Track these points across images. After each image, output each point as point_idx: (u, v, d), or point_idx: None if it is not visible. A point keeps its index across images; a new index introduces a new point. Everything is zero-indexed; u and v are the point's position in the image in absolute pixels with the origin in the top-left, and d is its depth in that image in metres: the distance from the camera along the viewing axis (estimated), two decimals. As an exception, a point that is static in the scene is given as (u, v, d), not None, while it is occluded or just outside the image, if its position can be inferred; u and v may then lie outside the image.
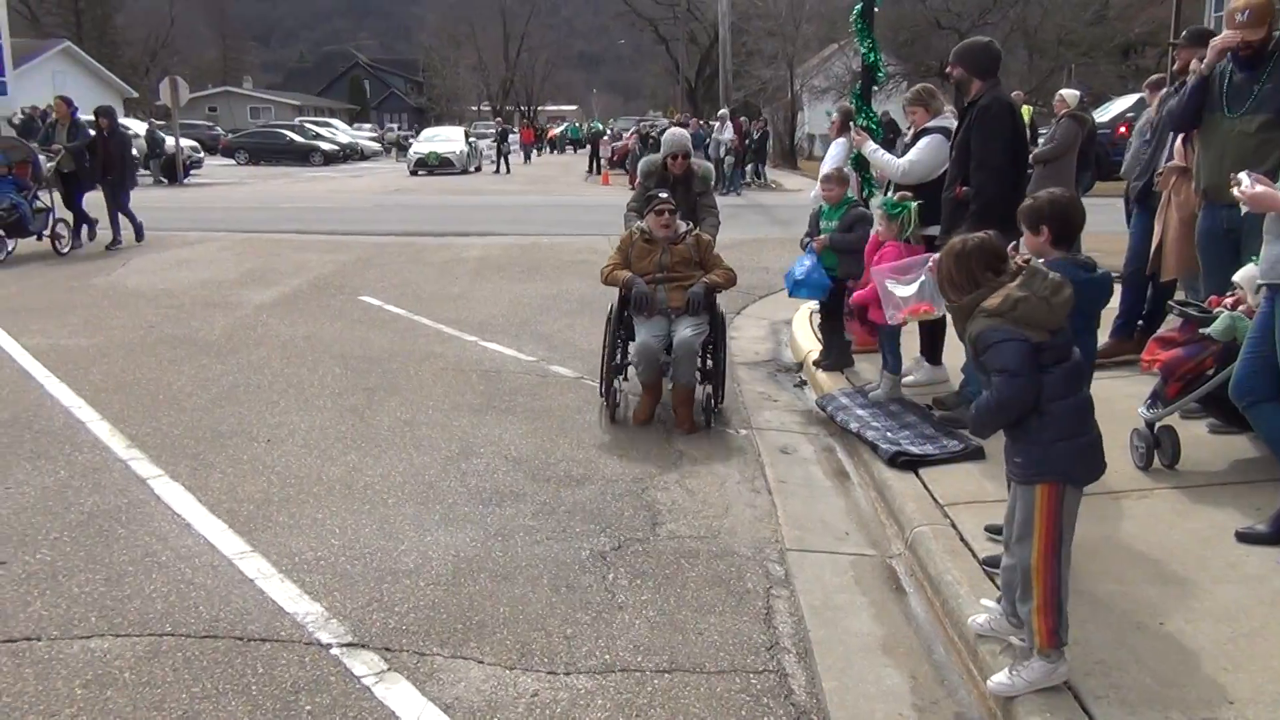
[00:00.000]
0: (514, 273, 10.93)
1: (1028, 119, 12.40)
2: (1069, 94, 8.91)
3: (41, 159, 11.65)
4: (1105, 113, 20.37)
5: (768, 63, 34.80)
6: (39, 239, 11.62)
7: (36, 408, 5.76)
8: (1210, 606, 3.20)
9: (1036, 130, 12.42)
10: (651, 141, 23.24)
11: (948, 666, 3.16)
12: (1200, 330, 4.13)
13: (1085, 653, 2.91)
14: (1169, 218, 5.61)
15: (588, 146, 37.42)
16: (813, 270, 6.05)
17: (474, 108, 74.26)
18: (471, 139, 36.13)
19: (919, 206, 5.44)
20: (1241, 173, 3.67)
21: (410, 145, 36.30)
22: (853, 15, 7.38)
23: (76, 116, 12.35)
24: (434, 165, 31.77)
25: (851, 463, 5.09)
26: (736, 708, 2.92)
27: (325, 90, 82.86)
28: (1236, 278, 4.17)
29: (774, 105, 36.35)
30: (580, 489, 4.64)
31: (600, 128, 41.61)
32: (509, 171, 32.95)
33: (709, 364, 5.72)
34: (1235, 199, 3.68)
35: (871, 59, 7.40)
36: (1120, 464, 4.21)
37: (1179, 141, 5.52)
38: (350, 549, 3.94)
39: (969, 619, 3.14)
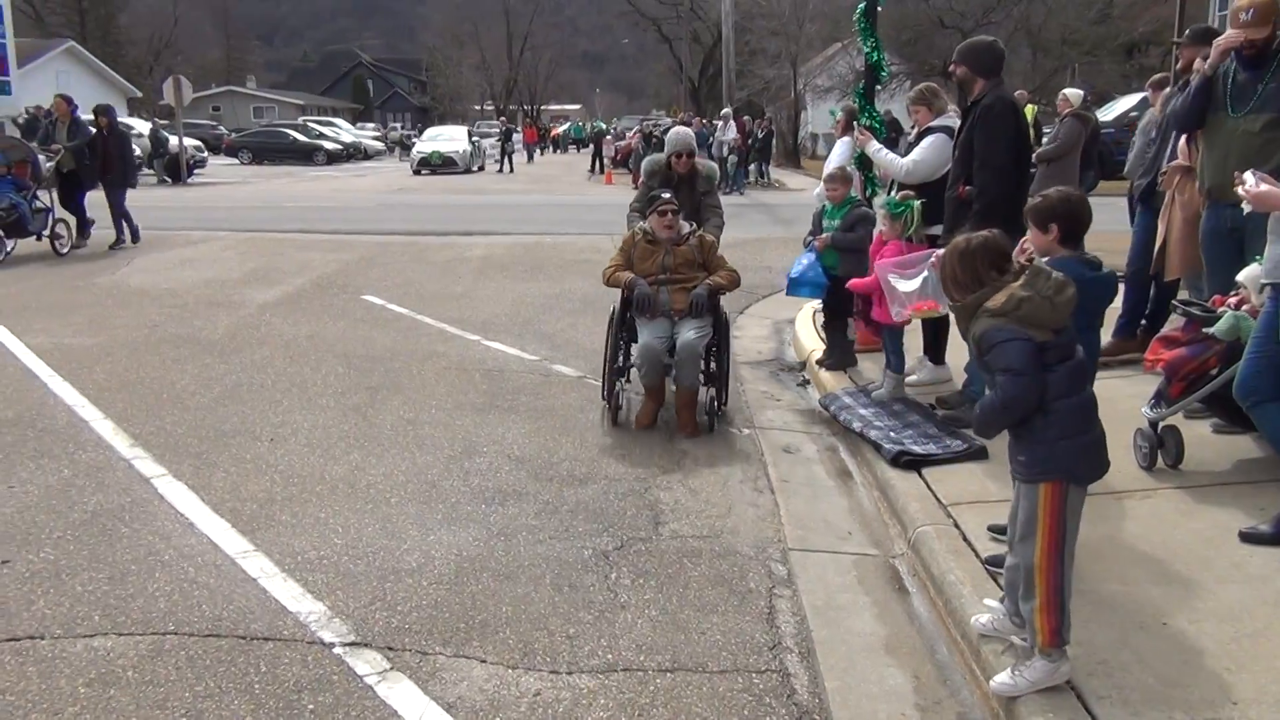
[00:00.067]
0: (517, 272, 10.93)
1: (1031, 118, 12.39)
2: (1072, 93, 8.93)
3: (41, 159, 11.61)
4: (1109, 112, 20.34)
5: (771, 62, 34.80)
6: (38, 239, 11.58)
7: (40, 406, 5.77)
8: (1214, 606, 3.19)
9: (1040, 129, 12.41)
10: (655, 141, 23.24)
11: (950, 666, 3.16)
12: (1204, 330, 4.12)
13: (1088, 652, 2.90)
14: (1173, 217, 5.59)
15: (591, 146, 37.40)
16: (809, 269, 6.05)
17: (477, 107, 74.30)
18: (475, 138, 36.12)
19: (922, 205, 5.44)
20: (1246, 172, 3.66)
21: (413, 145, 36.31)
22: (856, 14, 7.36)
23: (77, 115, 12.30)
24: (437, 165, 31.73)
25: (854, 462, 5.08)
26: (739, 707, 2.92)
27: (329, 90, 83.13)
28: (1240, 277, 4.16)
29: (777, 104, 36.38)
30: (583, 488, 4.64)
31: (604, 127, 41.60)
32: (512, 171, 33.01)
33: (713, 366, 5.69)
34: (1239, 198, 3.67)
35: (875, 58, 7.39)
36: (1124, 464, 4.20)
37: (1183, 141, 5.51)
38: (353, 548, 3.95)
39: (972, 619, 3.14)
